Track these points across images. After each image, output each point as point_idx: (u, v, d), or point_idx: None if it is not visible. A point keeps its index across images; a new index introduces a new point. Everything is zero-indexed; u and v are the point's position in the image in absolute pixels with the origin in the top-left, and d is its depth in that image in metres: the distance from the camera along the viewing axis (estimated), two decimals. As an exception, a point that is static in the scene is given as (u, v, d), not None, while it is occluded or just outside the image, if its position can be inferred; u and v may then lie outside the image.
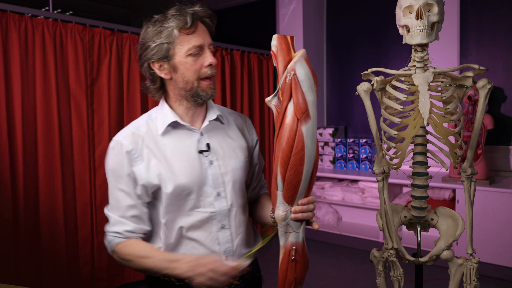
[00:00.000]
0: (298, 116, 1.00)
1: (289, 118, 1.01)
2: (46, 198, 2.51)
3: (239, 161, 1.25)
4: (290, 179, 1.03)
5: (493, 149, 3.36)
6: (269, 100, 1.06)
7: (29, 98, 2.44)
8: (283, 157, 1.02)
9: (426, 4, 1.37)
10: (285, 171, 1.02)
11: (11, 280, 2.35)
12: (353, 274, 3.18)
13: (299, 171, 1.02)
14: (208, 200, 1.18)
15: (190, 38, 1.12)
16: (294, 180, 1.03)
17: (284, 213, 1.06)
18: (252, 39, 4.73)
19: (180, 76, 1.15)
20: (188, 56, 1.12)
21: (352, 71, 4.07)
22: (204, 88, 1.16)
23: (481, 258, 1.95)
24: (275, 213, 1.08)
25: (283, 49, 1.04)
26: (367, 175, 3.67)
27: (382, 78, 1.54)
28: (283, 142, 1.01)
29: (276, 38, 1.06)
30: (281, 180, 1.04)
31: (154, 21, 1.14)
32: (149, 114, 1.24)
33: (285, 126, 1.01)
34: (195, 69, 1.14)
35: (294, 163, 1.02)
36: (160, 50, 1.12)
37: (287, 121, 1.01)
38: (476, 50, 3.46)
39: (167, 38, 1.11)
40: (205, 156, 1.19)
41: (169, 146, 1.17)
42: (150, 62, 1.15)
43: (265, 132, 4.03)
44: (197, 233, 1.18)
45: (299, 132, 1.01)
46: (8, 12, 2.33)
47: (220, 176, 1.20)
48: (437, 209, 1.54)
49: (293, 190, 1.04)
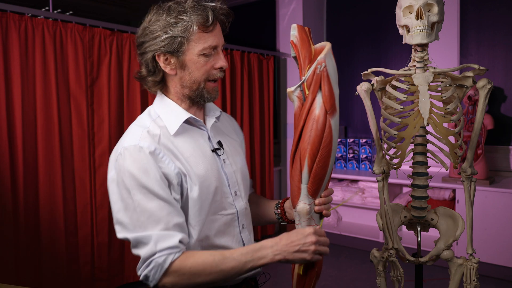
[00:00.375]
0: (328, 109, 1.01)
1: (318, 110, 1.01)
2: (46, 198, 2.51)
3: (243, 158, 1.24)
4: (317, 171, 1.03)
5: (493, 149, 3.36)
6: (291, 91, 1.05)
7: (29, 98, 2.44)
8: (312, 150, 1.01)
9: (426, 4, 1.37)
10: (313, 163, 1.02)
11: (11, 280, 2.35)
12: (353, 274, 3.18)
13: (327, 163, 1.03)
14: (228, 201, 1.13)
15: (207, 37, 1.04)
16: (321, 173, 1.04)
17: (309, 206, 1.06)
18: (252, 39, 4.73)
19: (188, 74, 1.07)
20: (201, 56, 1.05)
21: (352, 71, 4.07)
22: (210, 90, 1.10)
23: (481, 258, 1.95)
24: (299, 206, 1.06)
25: (304, 40, 1.04)
26: (367, 175, 3.67)
27: (382, 78, 1.54)
28: (312, 135, 1.01)
29: (296, 28, 1.06)
30: (307, 173, 1.03)
31: (168, 9, 1.04)
32: (148, 114, 1.13)
33: (314, 118, 1.01)
34: (205, 70, 1.07)
35: (322, 156, 1.02)
36: (172, 43, 1.02)
37: (316, 113, 1.01)
38: (476, 50, 3.46)
39: (183, 32, 1.02)
40: (219, 155, 1.14)
41: (185, 146, 1.07)
42: (156, 54, 1.05)
43: (265, 132, 4.03)
44: (223, 239, 1.11)
45: (328, 124, 1.01)
46: (8, 12, 2.32)
47: (234, 175, 1.16)
48: (437, 209, 1.54)
49: (319, 183, 1.04)
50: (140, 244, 0.98)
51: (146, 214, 0.97)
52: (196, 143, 1.10)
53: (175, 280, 0.97)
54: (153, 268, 0.96)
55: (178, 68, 1.07)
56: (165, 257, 0.96)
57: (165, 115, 1.09)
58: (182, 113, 1.09)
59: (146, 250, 0.96)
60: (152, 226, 0.97)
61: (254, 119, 3.90)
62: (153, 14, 1.06)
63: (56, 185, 2.54)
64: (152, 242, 0.96)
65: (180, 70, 1.07)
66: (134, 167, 0.99)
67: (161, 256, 0.95)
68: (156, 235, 0.96)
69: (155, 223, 0.97)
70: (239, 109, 3.75)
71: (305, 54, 1.03)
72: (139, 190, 0.98)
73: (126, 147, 1.02)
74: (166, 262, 0.96)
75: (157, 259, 0.95)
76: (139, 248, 0.98)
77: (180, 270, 0.96)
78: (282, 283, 2.91)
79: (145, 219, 0.97)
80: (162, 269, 0.96)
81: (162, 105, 1.11)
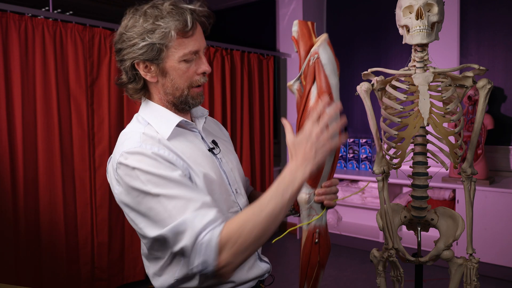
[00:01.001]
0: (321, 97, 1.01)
1: (313, 101, 1.01)
2: (46, 198, 2.51)
3: (236, 156, 1.24)
4: None
5: (493, 149, 3.36)
6: (291, 85, 1.06)
7: (29, 98, 2.44)
8: None
9: (426, 4, 1.37)
10: None
11: (11, 280, 2.35)
12: (353, 274, 3.18)
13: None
14: (232, 199, 1.11)
15: (187, 42, 0.99)
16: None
17: (308, 196, 1.06)
18: (252, 39, 4.73)
19: (170, 81, 1.02)
20: (182, 62, 1.00)
21: (352, 71, 4.07)
22: (194, 96, 1.06)
23: (481, 258, 1.95)
24: (298, 196, 1.06)
25: (304, 34, 1.05)
26: (367, 175, 3.67)
27: (382, 78, 1.54)
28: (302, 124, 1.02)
29: (297, 24, 1.06)
30: None
31: (144, 14, 0.99)
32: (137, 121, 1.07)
33: (309, 109, 1.01)
34: (188, 76, 1.02)
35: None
36: (151, 51, 0.97)
37: (311, 104, 1.01)
38: (476, 50, 3.46)
39: (161, 39, 0.97)
40: (215, 154, 1.12)
41: (183, 148, 1.03)
42: (135, 62, 1.00)
43: (265, 132, 4.03)
44: None
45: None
46: (8, 12, 2.32)
47: (232, 173, 1.15)
48: (437, 209, 1.54)
49: (317, 172, 1.03)
50: (179, 235, 0.88)
51: (172, 203, 0.89)
52: (192, 144, 1.07)
53: (231, 253, 0.87)
54: (204, 250, 0.86)
55: (159, 76, 1.02)
56: (210, 233, 0.87)
57: (154, 121, 1.04)
58: (173, 117, 1.05)
59: (188, 236, 0.87)
60: (182, 212, 0.88)
61: (254, 119, 3.90)
62: (129, 19, 1.01)
63: (56, 185, 2.54)
64: (189, 226, 0.87)
65: (161, 77, 1.02)
66: (142, 164, 0.93)
67: (206, 234, 0.86)
68: (190, 217, 0.88)
69: (184, 208, 0.89)
70: (239, 109, 3.75)
71: (304, 48, 1.04)
72: (155, 184, 0.91)
73: (127, 151, 0.96)
74: (213, 237, 0.86)
75: (202, 240, 0.86)
76: (180, 241, 0.88)
77: (231, 239, 0.86)
78: (282, 283, 2.91)
79: (172, 208, 0.89)
80: (213, 247, 0.86)
81: (150, 111, 1.07)
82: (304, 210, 1.08)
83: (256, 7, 4.75)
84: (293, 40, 1.06)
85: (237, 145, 3.67)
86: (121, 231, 2.86)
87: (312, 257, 1.08)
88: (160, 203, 0.90)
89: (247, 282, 1.12)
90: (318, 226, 1.09)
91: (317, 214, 1.08)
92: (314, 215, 1.07)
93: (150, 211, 0.92)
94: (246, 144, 3.75)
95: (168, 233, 0.89)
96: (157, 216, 0.91)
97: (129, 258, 2.89)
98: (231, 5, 4.92)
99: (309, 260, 1.09)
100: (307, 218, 1.09)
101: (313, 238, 1.08)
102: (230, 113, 3.65)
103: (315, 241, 1.08)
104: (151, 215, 0.92)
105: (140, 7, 1.02)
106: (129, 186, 0.94)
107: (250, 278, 1.12)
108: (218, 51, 3.53)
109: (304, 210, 1.08)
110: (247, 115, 3.80)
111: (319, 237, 1.08)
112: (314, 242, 1.08)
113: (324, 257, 1.10)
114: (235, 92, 3.73)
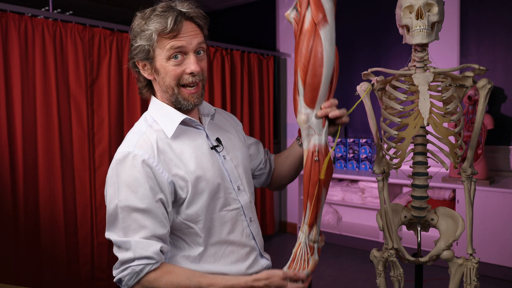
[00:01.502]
0: (316, 20, 1.04)
1: (307, 23, 1.05)
2: (46, 198, 2.51)
3: (243, 151, 1.25)
4: (310, 81, 1.06)
5: (493, 149, 3.36)
6: (288, 14, 1.10)
7: (29, 98, 2.44)
8: (303, 61, 1.05)
9: (426, 4, 1.37)
10: (305, 74, 1.06)
11: (11, 280, 2.35)
12: (353, 274, 3.18)
13: (319, 73, 1.06)
14: (232, 196, 1.15)
15: (170, 42, 1.04)
16: (314, 83, 1.06)
17: (306, 116, 1.09)
18: (252, 39, 4.73)
19: (161, 79, 1.09)
20: (170, 60, 1.05)
21: (352, 71, 4.07)
22: (186, 97, 1.09)
23: (481, 258, 1.95)
24: (297, 117, 1.09)
25: None
26: (367, 175, 3.67)
27: (382, 78, 1.54)
28: (302, 48, 1.05)
29: None
30: (301, 84, 1.07)
31: (142, 16, 1.08)
32: (144, 120, 1.14)
33: (304, 32, 1.05)
34: (174, 74, 1.07)
35: (313, 65, 1.05)
36: (142, 52, 1.07)
37: (305, 26, 1.05)
38: (476, 50, 3.46)
39: (147, 40, 1.05)
40: (218, 152, 1.16)
41: (184, 147, 1.09)
42: (135, 60, 1.10)
43: (265, 132, 4.03)
44: (232, 235, 1.13)
45: (317, 35, 1.04)
46: (8, 12, 2.32)
47: (235, 170, 1.18)
48: (437, 209, 1.54)
49: (314, 92, 1.07)
50: (120, 248, 1.01)
51: (130, 220, 1.00)
52: (194, 143, 1.11)
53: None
54: (128, 274, 0.99)
55: (154, 74, 1.10)
56: (142, 266, 0.99)
57: (160, 119, 1.11)
58: (177, 115, 1.10)
59: (125, 255, 1.00)
60: (133, 233, 1.00)
61: (254, 119, 3.90)
62: (135, 21, 1.09)
63: (56, 185, 2.54)
64: (132, 248, 0.99)
65: (156, 75, 1.10)
66: (126, 174, 1.02)
67: (139, 265, 0.99)
68: (136, 242, 0.99)
69: (137, 230, 1.00)
70: (239, 109, 3.75)
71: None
72: (127, 198, 1.00)
73: (121, 153, 1.05)
74: (143, 272, 0.99)
75: (134, 266, 0.99)
76: (119, 251, 1.02)
77: (153, 284, 0.99)
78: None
79: (128, 226, 1.00)
80: (137, 277, 0.99)
81: (157, 109, 1.13)
82: (304, 130, 1.10)
83: (256, 7, 4.75)
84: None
85: (237, 145, 3.67)
86: (121, 231, 2.86)
87: (313, 175, 1.09)
88: (122, 215, 1.01)
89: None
90: (318, 145, 1.10)
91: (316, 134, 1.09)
92: (314, 135, 1.09)
93: (115, 212, 1.02)
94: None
95: (114, 241, 1.03)
96: (116, 221, 1.02)
97: (129, 258, 2.89)
98: (231, 5, 4.92)
99: (310, 179, 1.09)
100: (306, 137, 1.10)
101: (313, 156, 1.09)
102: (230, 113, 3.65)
103: (315, 159, 1.09)
104: (114, 217, 1.03)
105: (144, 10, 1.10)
106: (114, 182, 1.03)
107: (251, 273, 1.14)
108: (218, 51, 3.53)
109: (303, 130, 1.10)
110: (247, 115, 3.80)
111: (318, 155, 1.09)
112: (314, 160, 1.09)
113: (326, 176, 1.11)
114: (235, 92, 3.73)
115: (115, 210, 1.02)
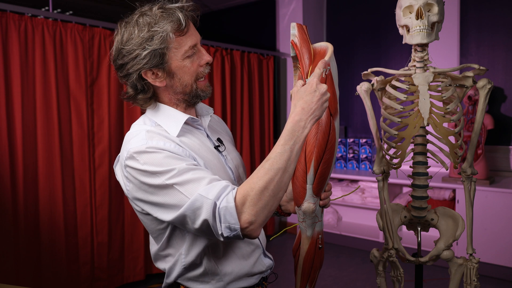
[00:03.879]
0: (332, 112, 1.04)
1: (324, 114, 1.03)
2: (46, 198, 2.51)
3: (238, 154, 1.26)
4: (323, 172, 1.05)
5: (493, 149, 3.36)
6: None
7: (29, 98, 2.44)
8: (318, 152, 1.04)
9: (426, 4, 1.37)
10: (319, 164, 1.05)
11: (11, 280, 2.35)
12: (353, 274, 3.18)
13: (331, 164, 1.07)
14: None
15: (185, 39, 1.02)
16: (326, 173, 1.07)
17: (314, 205, 1.08)
18: (252, 39, 4.73)
19: (178, 81, 1.05)
20: (186, 59, 1.04)
21: (352, 71, 4.07)
22: (203, 88, 1.10)
23: (481, 258, 1.95)
24: (304, 206, 1.08)
25: (304, 40, 1.06)
26: (367, 175, 3.67)
27: (382, 78, 1.54)
28: (318, 138, 1.04)
29: (295, 27, 1.06)
30: (313, 174, 1.05)
31: (136, 24, 1.01)
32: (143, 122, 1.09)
33: (320, 122, 1.03)
34: (193, 70, 1.06)
35: (327, 156, 1.05)
36: (154, 58, 1.00)
37: (322, 116, 1.03)
38: (476, 50, 3.46)
39: (161, 43, 0.99)
40: (220, 152, 1.15)
41: (191, 143, 1.07)
42: (141, 72, 1.02)
43: (265, 132, 4.03)
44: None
45: (332, 127, 1.04)
46: (8, 12, 2.32)
47: (237, 169, 1.18)
48: (437, 209, 1.54)
49: (323, 183, 1.07)
50: (197, 211, 0.90)
51: (184, 187, 0.92)
52: (199, 141, 1.11)
53: (251, 212, 0.88)
54: (224, 216, 0.88)
55: (167, 79, 1.05)
56: (225, 199, 0.89)
57: (163, 121, 1.07)
58: (180, 115, 1.08)
59: (205, 209, 0.89)
60: (194, 191, 0.90)
61: (254, 119, 3.90)
62: (123, 33, 1.02)
63: (56, 185, 2.54)
64: (204, 199, 0.89)
65: (169, 79, 1.05)
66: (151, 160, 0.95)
67: (221, 201, 0.89)
68: (203, 192, 0.90)
69: (195, 187, 0.91)
70: (239, 109, 3.75)
71: (306, 54, 1.04)
72: (165, 176, 0.93)
73: (135, 150, 0.97)
74: (230, 202, 0.88)
75: (219, 207, 0.88)
76: (199, 216, 0.90)
77: (247, 199, 0.88)
78: (282, 282, 2.91)
79: (185, 191, 0.91)
80: (232, 210, 0.88)
81: (159, 112, 1.09)
82: (309, 219, 1.10)
83: (256, 7, 4.75)
84: (292, 44, 1.06)
85: (237, 145, 3.67)
86: (121, 231, 2.86)
87: (316, 261, 1.12)
88: (173, 190, 0.92)
89: (252, 276, 1.15)
90: (320, 231, 1.12)
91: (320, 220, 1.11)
92: (318, 222, 1.10)
93: (164, 200, 0.94)
94: (246, 144, 3.75)
95: (186, 211, 0.91)
96: (172, 201, 0.93)
97: (129, 258, 2.89)
98: (231, 5, 4.92)
99: (313, 265, 1.11)
100: (311, 225, 1.10)
101: (317, 244, 1.10)
102: (230, 113, 3.65)
103: (319, 247, 1.10)
104: (166, 202, 0.94)
105: (129, 18, 1.04)
106: (140, 182, 0.97)
107: (255, 272, 1.15)
108: (218, 51, 3.53)
109: (309, 219, 1.10)
110: (247, 115, 3.80)
111: (322, 243, 1.11)
112: (318, 248, 1.10)
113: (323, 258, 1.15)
114: (235, 92, 3.73)
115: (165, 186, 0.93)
